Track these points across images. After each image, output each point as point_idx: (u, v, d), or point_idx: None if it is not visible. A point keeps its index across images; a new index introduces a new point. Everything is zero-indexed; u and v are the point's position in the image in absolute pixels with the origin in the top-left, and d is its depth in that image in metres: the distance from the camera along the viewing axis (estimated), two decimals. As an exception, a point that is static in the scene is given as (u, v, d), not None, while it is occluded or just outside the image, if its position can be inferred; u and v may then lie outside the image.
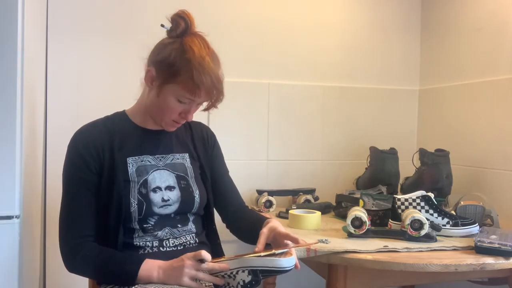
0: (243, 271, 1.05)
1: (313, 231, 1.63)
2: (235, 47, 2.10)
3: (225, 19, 2.09)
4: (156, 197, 1.23)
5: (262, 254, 1.05)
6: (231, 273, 1.07)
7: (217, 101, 1.22)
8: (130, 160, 1.24)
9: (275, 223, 1.21)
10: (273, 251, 1.07)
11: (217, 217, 1.39)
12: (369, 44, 2.31)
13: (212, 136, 1.43)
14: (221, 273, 1.08)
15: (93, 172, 1.20)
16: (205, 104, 1.24)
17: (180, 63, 1.15)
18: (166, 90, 1.18)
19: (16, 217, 1.25)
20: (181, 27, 1.19)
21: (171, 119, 1.23)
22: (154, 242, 1.22)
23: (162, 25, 1.22)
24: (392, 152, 2.08)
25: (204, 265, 1.07)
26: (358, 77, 2.29)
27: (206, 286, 1.13)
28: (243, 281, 1.05)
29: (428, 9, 2.35)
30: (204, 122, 1.47)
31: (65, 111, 1.87)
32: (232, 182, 1.45)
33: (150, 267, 1.12)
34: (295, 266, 1.08)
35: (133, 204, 1.20)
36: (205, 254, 1.08)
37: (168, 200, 1.24)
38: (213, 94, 1.19)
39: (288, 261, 1.05)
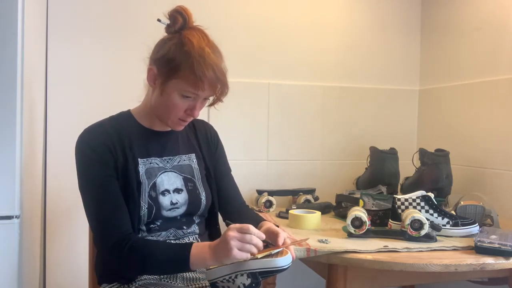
0: (242, 275, 1.05)
1: (313, 231, 1.63)
2: (235, 47, 2.09)
3: (225, 19, 2.09)
4: (165, 200, 1.21)
5: (259, 256, 1.05)
6: (230, 277, 1.07)
7: (222, 95, 1.19)
8: (140, 161, 1.22)
9: (268, 225, 1.20)
10: (270, 251, 1.07)
11: (219, 218, 1.39)
12: (369, 44, 2.31)
13: (215, 134, 1.42)
14: (219, 278, 1.07)
15: (111, 166, 1.16)
16: (210, 99, 1.21)
17: (180, 56, 1.13)
18: (169, 87, 1.16)
19: (16, 217, 1.25)
20: (179, 22, 1.17)
21: (177, 117, 1.20)
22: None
23: (159, 20, 1.20)
24: (392, 152, 2.08)
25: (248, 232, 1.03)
26: (358, 77, 2.29)
27: (203, 286, 1.12)
28: (243, 284, 1.05)
29: (428, 9, 2.35)
30: (204, 121, 1.47)
31: (65, 111, 1.86)
32: (234, 181, 1.44)
33: (201, 250, 1.07)
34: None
35: (143, 208, 1.18)
36: (252, 228, 1.04)
37: (177, 203, 1.23)
38: (217, 87, 1.16)
39: (285, 260, 1.05)
